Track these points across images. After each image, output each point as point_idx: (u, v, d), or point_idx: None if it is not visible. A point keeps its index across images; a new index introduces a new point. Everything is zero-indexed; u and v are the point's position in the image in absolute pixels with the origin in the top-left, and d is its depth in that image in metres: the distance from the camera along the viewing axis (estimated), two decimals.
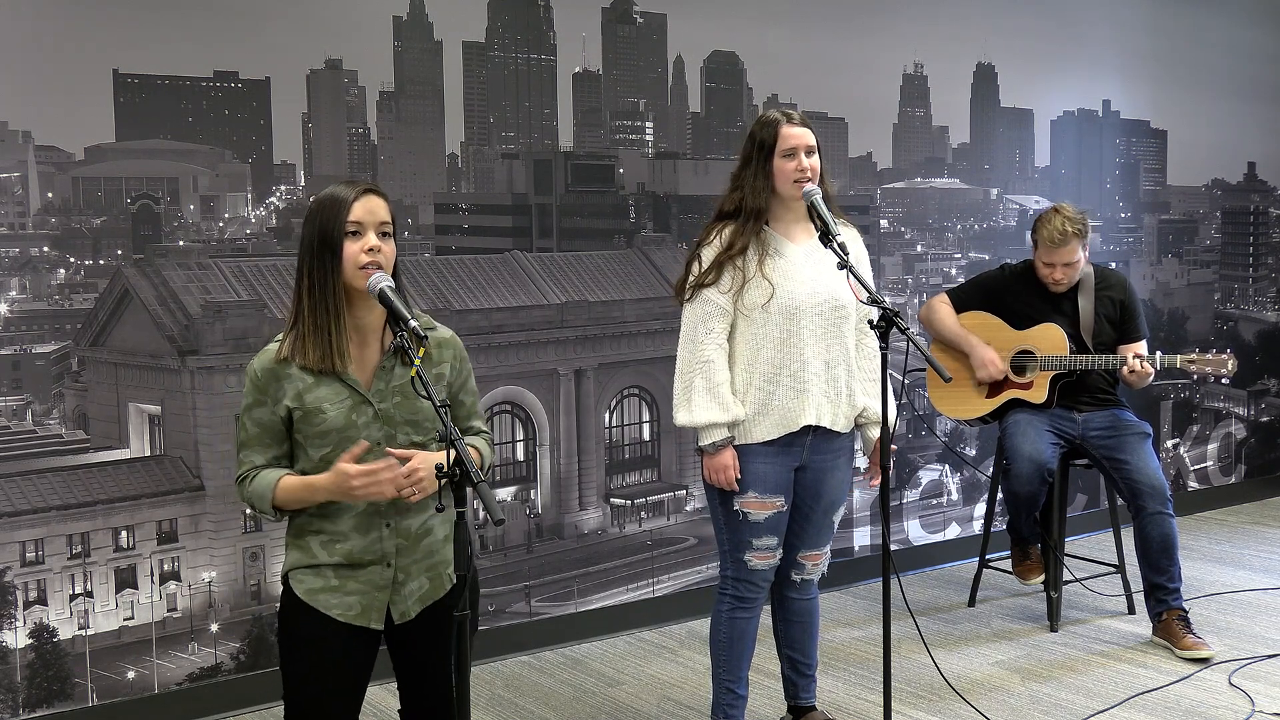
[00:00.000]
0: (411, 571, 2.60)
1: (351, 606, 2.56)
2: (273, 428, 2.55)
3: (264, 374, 2.53)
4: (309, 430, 2.53)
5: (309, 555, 2.57)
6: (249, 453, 2.56)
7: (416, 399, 2.55)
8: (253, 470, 2.56)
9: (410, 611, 2.61)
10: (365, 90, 4.46)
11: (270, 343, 2.58)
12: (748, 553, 3.47)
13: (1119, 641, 4.62)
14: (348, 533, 2.55)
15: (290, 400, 2.52)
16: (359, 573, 2.56)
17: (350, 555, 2.55)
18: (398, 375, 2.57)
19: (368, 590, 2.57)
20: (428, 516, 2.60)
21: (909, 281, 5.90)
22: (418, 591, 2.62)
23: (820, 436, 3.46)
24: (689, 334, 3.43)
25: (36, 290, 3.92)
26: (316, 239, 2.50)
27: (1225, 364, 4.48)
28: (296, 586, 2.58)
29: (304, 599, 2.57)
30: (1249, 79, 6.85)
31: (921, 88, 5.89)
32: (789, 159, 3.37)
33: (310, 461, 2.54)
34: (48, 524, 3.85)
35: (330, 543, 2.56)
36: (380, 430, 2.54)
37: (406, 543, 2.58)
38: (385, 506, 2.55)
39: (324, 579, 2.56)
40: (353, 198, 2.51)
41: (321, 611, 2.56)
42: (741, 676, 3.56)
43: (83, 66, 3.87)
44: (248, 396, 2.55)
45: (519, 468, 4.80)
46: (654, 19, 5.06)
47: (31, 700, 3.81)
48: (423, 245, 4.57)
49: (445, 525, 2.64)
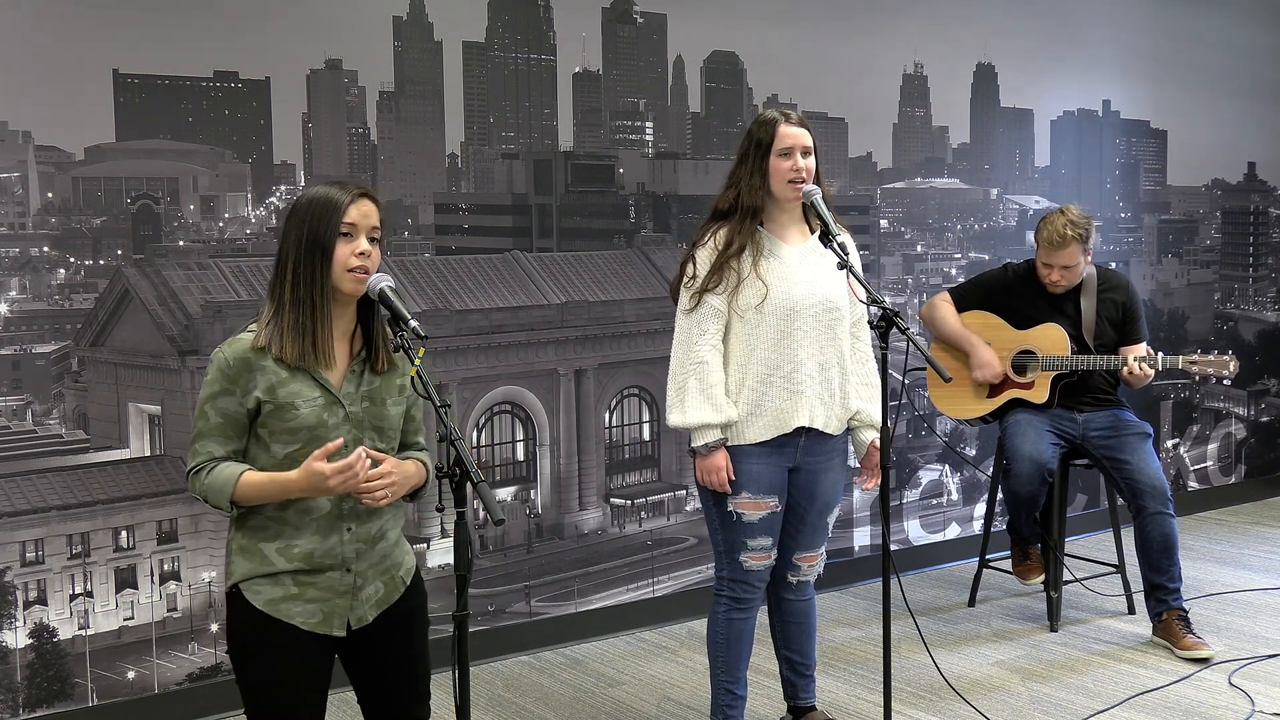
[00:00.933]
0: (368, 576, 2.56)
1: (313, 614, 2.51)
2: (237, 419, 2.47)
3: (236, 363, 2.44)
4: (277, 425, 2.46)
5: (263, 563, 2.49)
6: (207, 443, 2.46)
7: (383, 406, 2.54)
8: (210, 462, 2.46)
9: (367, 616, 2.57)
10: (365, 90, 4.46)
11: (241, 332, 2.51)
12: (743, 554, 3.47)
13: (1119, 641, 4.62)
14: (307, 535, 2.49)
15: (262, 392, 2.45)
16: (317, 578, 2.50)
17: (310, 559, 2.49)
18: (366, 380, 2.54)
19: (328, 597, 2.52)
20: (384, 521, 2.57)
21: (909, 281, 5.90)
22: (374, 596, 2.58)
23: (813, 438, 3.46)
24: (683, 335, 3.42)
25: (36, 290, 3.92)
26: (306, 238, 2.46)
27: (1227, 365, 4.48)
28: (253, 598, 2.49)
29: (264, 610, 2.48)
30: (1249, 79, 6.85)
31: (921, 88, 5.89)
32: (785, 158, 3.36)
33: (272, 458, 2.47)
34: (48, 524, 3.84)
35: (287, 547, 2.49)
36: (349, 433, 2.50)
37: (365, 546, 2.54)
38: (348, 510, 2.50)
39: (283, 587, 2.49)
40: (348, 201, 2.48)
41: (284, 621, 2.49)
42: (740, 677, 3.56)
43: (83, 66, 3.87)
44: (212, 385, 2.46)
45: (519, 468, 4.80)
46: (654, 19, 5.06)
47: (31, 700, 3.81)
48: (423, 245, 4.57)
49: (397, 528, 2.62)
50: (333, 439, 2.44)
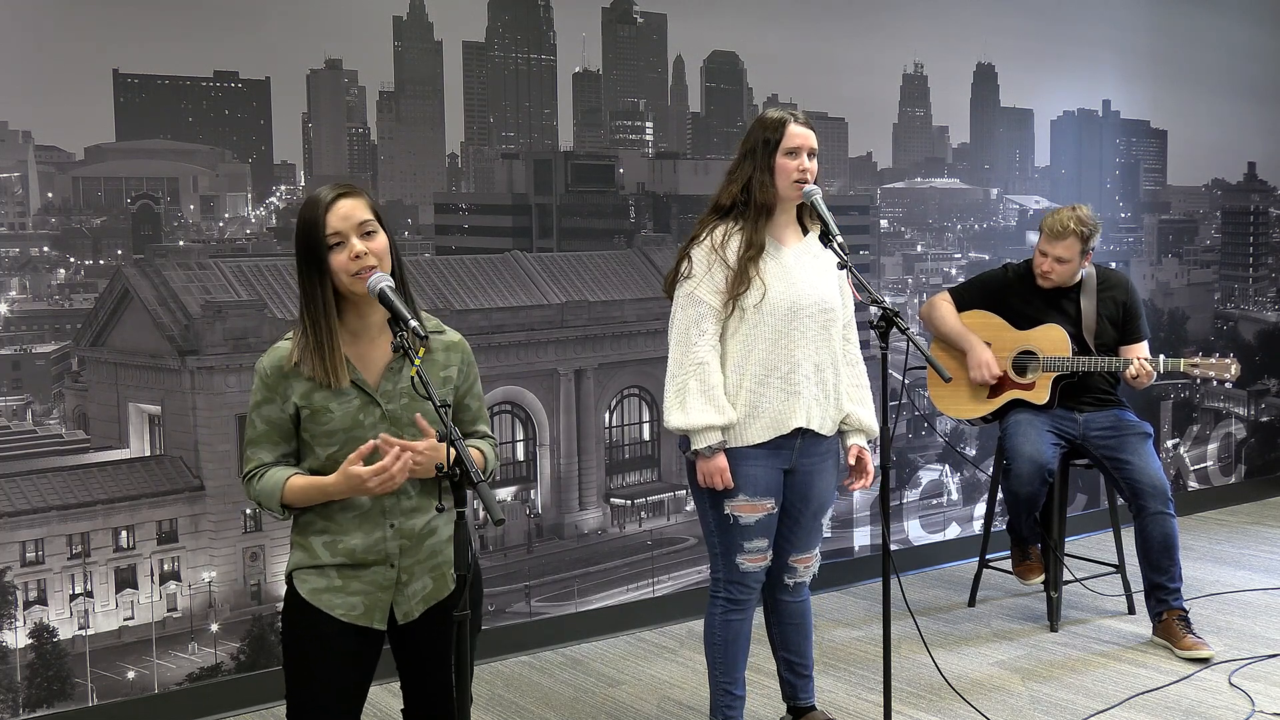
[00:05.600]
0: (415, 572, 2.60)
1: (355, 606, 2.57)
2: (281, 425, 2.55)
3: (273, 371, 2.54)
4: (316, 429, 2.54)
5: (312, 555, 2.58)
6: (256, 450, 2.57)
7: (423, 401, 2.55)
8: (260, 468, 2.56)
9: (414, 612, 2.62)
10: (365, 90, 4.46)
11: (281, 340, 2.59)
12: (739, 555, 3.46)
13: (1119, 641, 4.62)
14: (351, 532, 2.56)
15: (298, 398, 2.53)
16: (362, 573, 2.57)
17: (353, 555, 2.56)
18: (404, 376, 2.57)
19: (371, 590, 2.58)
20: (431, 517, 2.61)
21: (909, 281, 5.90)
22: (421, 591, 2.62)
23: (809, 439, 3.45)
24: (681, 335, 3.39)
25: (36, 290, 3.92)
26: (304, 260, 2.51)
27: (1229, 368, 4.48)
28: (300, 586, 2.58)
29: (307, 599, 2.57)
30: (1249, 79, 6.85)
31: (921, 88, 5.89)
32: (791, 158, 3.36)
33: (318, 460, 2.56)
34: (48, 524, 3.84)
35: (333, 542, 2.56)
36: (388, 431, 2.53)
37: (410, 543, 2.59)
38: (390, 507, 2.56)
39: (327, 579, 2.57)
40: (324, 211, 2.49)
41: (325, 611, 2.56)
42: (738, 677, 3.56)
43: (83, 66, 3.87)
44: (256, 394, 2.56)
45: (519, 468, 4.80)
46: (654, 19, 5.06)
47: (31, 700, 3.81)
48: (423, 245, 4.57)
49: (449, 525, 2.63)
50: (370, 439, 2.49)
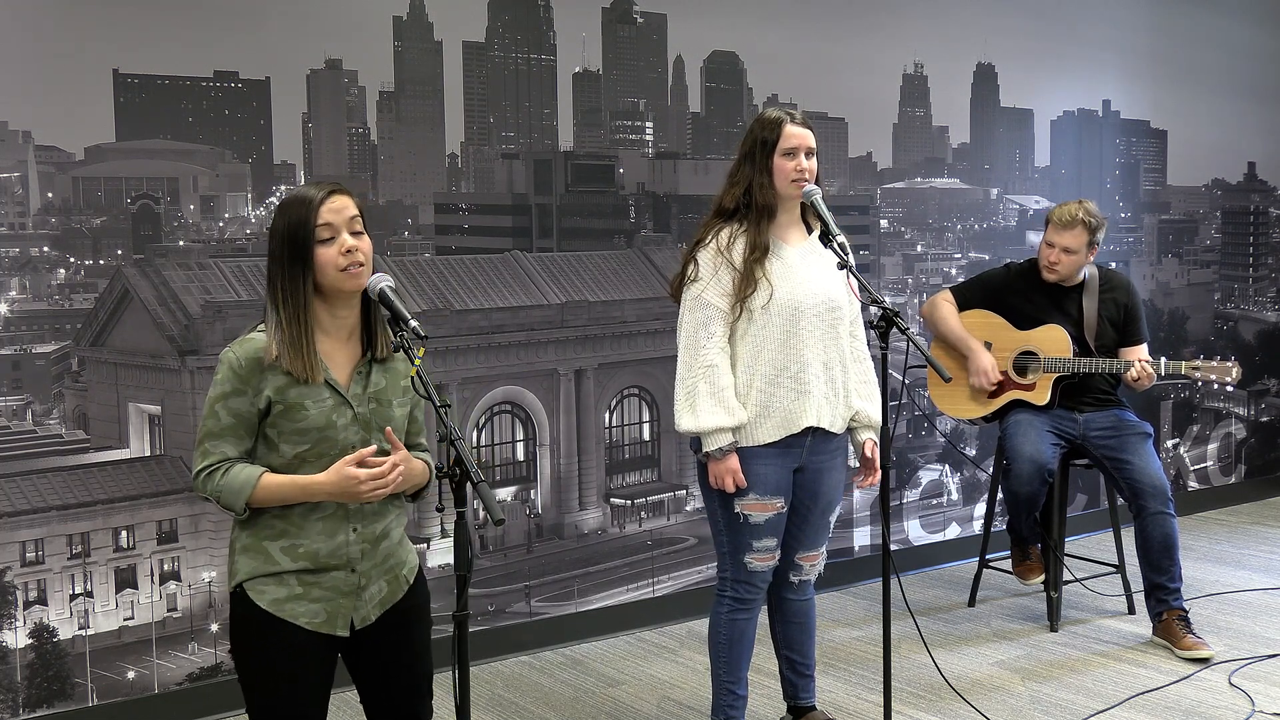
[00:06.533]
0: (372, 575, 2.55)
1: (317, 614, 2.50)
2: (248, 419, 2.45)
3: (248, 363, 2.43)
4: (287, 426, 2.45)
5: (269, 561, 2.48)
6: (218, 443, 2.44)
7: (389, 407, 2.53)
8: (223, 462, 2.44)
9: (370, 616, 2.57)
10: (365, 90, 4.46)
11: (251, 332, 2.49)
12: (748, 555, 3.46)
13: (1119, 641, 4.62)
14: (313, 536, 2.48)
15: (272, 392, 2.43)
16: (322, 578, 2.50)
17: (315, 559, 2.48)
18: (372, 380, 2.53)
19: (332, 597, 2.51)
20: (388, 520, 2.57)
21: (909, 281, 5.90)
22: (378, 595, 2.57)
23: (818, 437, 3.45)
24: (690, 338, 3.39)
25: (36, 290, 3.92)
26: (286, 249, 2.44)
27: (1230, 371, 4.48)
28: (258, 598, 2.48)
29: (268, 610, 2.47)
30: (1249, 79, 6.85)
31: (921, 88, 5.89)
32: (789, 158, 3.36)
33: (282, 458, 2.46)
34: (48, 524, 3.84)
35: (293, 547, 2.48)
36: (357, 434, 2.50)
37: (369, 546, 2.54)
38: (353, 510, 2.50)
39: (288, 587, 2.48)
40: (318, 201, 2.44)
41: (288, 621, 2.48)
42: (741, 677, 3.56)
43: (83, 66, 3.87)
44: (223, 384, 2.44)
45: (519, 468, 4.80)
46: (654, 19, 5.06)
47: (31, 700, 3.81)
48: (423, 245, 4.57)
49: (400, 528, 2.62)
50: (341, 439, 2.45)
